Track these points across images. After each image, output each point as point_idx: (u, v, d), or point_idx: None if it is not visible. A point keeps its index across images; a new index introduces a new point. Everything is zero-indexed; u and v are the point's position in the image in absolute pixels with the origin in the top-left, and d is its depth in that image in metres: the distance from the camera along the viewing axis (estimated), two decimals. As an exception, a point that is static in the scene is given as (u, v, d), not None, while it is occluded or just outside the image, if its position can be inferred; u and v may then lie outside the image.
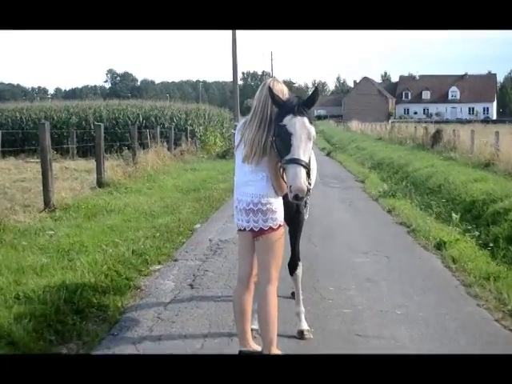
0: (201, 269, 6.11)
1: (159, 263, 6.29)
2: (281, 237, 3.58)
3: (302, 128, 3.34)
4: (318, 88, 3.60)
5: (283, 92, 3.58)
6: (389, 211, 9.85)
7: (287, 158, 3.31)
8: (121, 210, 9.04)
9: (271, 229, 3.51)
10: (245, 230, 3.60)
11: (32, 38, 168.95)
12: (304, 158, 3.31)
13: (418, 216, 9.02)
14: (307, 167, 3.32)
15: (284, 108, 3.42)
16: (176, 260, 6.49)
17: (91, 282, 5.15)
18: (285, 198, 3.50)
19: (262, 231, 3.53)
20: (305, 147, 3.34)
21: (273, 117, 3.49)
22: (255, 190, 3.52)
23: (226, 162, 19.37)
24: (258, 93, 3.59)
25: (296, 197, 3.26)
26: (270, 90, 3.46)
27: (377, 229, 8.44)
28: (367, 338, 4.20)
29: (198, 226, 8.46)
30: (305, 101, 3.45)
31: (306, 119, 3.37)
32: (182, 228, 8.03)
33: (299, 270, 4.36)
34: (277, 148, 3.40)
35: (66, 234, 7.01)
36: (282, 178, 3.45)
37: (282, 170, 3.41)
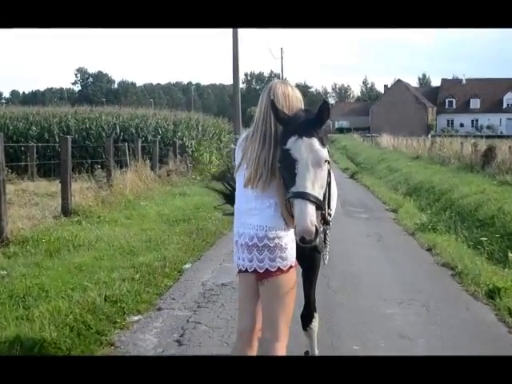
0: (191, 321, 6.10)
1: (139, 313, 6.28)
2: (292, 281, 3.57)
3: (308, 152, 3.28)
4: (327, 101, 3.49)
5: (296, 100, 3.59)
6: (428, 249, 9.85)
7: (292, 190, 3.29)
8: (91, 244, 9.06)
9: (280, 270, 3.51)
10: (247, 271, 3.61)
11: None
12: (312, 191, 3.26)
13: (465, 255, 9.01)
14: (317, 202, 3.27)
15: (288, 127, 3.39)
16: (160, 309, 6.49)
17: (52, 336, 5.14)
18: None
19: (268, 273, 3.52)
20: (314, 177, 3.29)
21: (278, 130, 3.52)
22: (260, 220, 3.52)
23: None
24: (260, 99, 3.62)
25: (303, 240, 3.22)
26: (273, 103, 3.42)
27: (413, 271, 8.43)
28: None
29: (187, 265, 8.48)
30: (313, 117, 3.39)
31: (314, 141, 3.31)
32: (168, 268, 8.04)
33: (315, 324, 4.36)
34: (282, 176, 3.39)
35: (22, 275, 7.01)
36: (290, 213, 3.43)
37: (289, 203, 3.40)
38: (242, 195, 3.66)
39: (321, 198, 3.33)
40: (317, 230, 3.21)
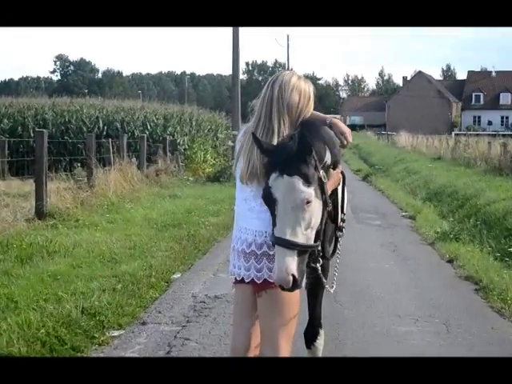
0: (179, 337, 6.10)
1: (120, 327, 6.28)
2: (294, 294, 3.54)
3: (288, 194, 3.24)
4: (305, 135, 3.32)
5: (309, 97, 3.61)
6: (450, 260, 9.84)
7: (274, 232, 3.32)
8: (68, 251, 9.07)
9: None
10: (243, 280, 3.62)
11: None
12: (293, 237, 3.24)
13: (491, 268, 9.00)
14: (298, 248, 3.26)
15: (272, 159, 3.35)
16: (144, 323, 6.49)
17: (21, 352, 5.14)
18: None
19: (267, 284, 3.51)
20: (295, 220, 3.25)
21: (285, 128, 3.52)
22: (259, 225, 3.53)
23: (221, 187, 19.46)
24: (263, 91, 3.63)
25: (282, 288, 3.30)
26: (255, 136, 3.39)
27: (432, 285, 8.43)
28: None
29: (177, 275, 8.48)
30: (298, 149, 3.29)
31: (296, 180, 3.25)
32: (155, 278, 8.03)
33: (320, 342, 4.35)
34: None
35: (-11, 284, 7.03)
36: None
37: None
38: (240, 194, 3.69)
39: (308, 239, 3.32)
40: (295, 278, 3.22)
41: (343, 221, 3.94)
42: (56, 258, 8.66)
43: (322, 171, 3.39)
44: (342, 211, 3.92)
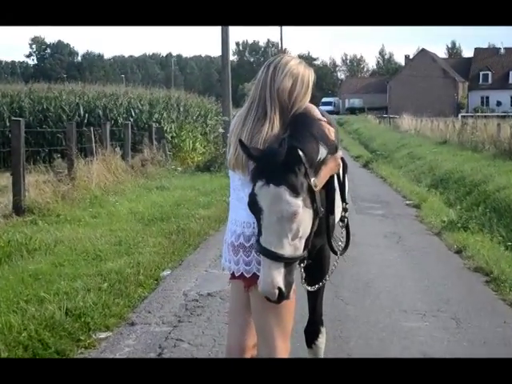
0: (170, 337, 6.12)
1: (107, 329, 6.28)
2: None
3: (274, 205, 3.22)
4: (296, 147, 3.26)
5: (303, 81, 3.58)
6: (458, 251, 9.88)
7: (259, 241, 3.32)
8: (49, 248, 9.07)
9: None
10: (234, 275, 3.65)
11: None
12: (279, 248, 3.23)
13: (502, 259, 9.05)
14: (285, 260, 3.26)
15: (258, 166, 3.33)
16: (133, 324, 6.51)
17: (2, 357, 5.13)
18: None
19: (256, 278, 3.46)
20: (281, 231, 3.24)
21: (276, 114, 3.50)
22: (247, 215, 3.49)
23: (211, 177, 19.46)
24: (258, 74, 3.63)
25: (268, 299, 3.32)
26: (241, 142, 3.34)
27: (439, 278, 8.46)
28: None
29: (166, 272, 8.49)
30: (286, 158, 3.25)
31: (283, 190, 3.21)
32: (143, 276, 8.04)
33: (321, 340, 4.37)
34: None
35: (-34, 285, 7.03)
36: None
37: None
38: (231, 183, 3.72)
39: (296, 249, 3.30)
40: (281, 291, 3.23)
41: (345, 210, 3.94)
42: (36, 256, 8.66)
43: (313, 179, 3.35)
44: (344, 200, 3.92)
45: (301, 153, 3.25)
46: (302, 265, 3.50)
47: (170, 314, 6.85)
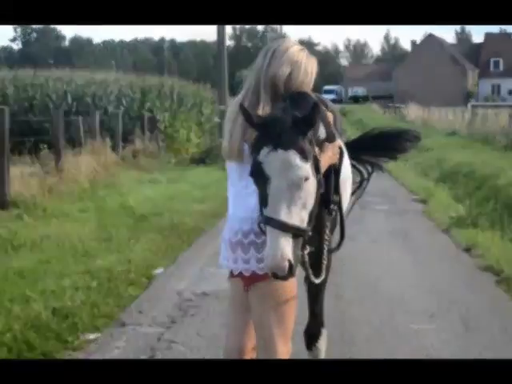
0: (163, 339, 6.12)
1: (96, 330, 6.28)
2: (289, 286, 3.54)
3: (283, 170, 3.19)
4: (317, 104, 3.27)
5: (306, 71, 3.57)
6: (467, 249, 9.88)
7: (265, 213, 3.25)
8: (35, 244, 9.07)
9: None
10: (232, 274, 3.66)
11: None
12: (288, 218, 3.18)
13: (514, 257, 9.04)
14: (293, 231, 3.21)
15: (263, 133, 3.29)
16: (124, 325, 6.51)
17: (-14, 359, 5.15)
18: None
19: (256, 277, 3.50)
20: (290, 199, 3.20)
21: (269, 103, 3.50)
22: (245, 210, 3.53)
23: (207, 170, 19.46)
24: (256, 61, 3.62)
25: (275, 275, 3.21)
26: (242, 106, 3.33)
27: (447, 277, 8.45)
28: None
29: (159, 270, 8.49)
30: (296, 119, 3.25)
31: (292, 154, 3.19)
32: (134, 274, 8.06)
33: (322, 343, 4.38)
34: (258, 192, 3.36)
35: None
36: None
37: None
38: (228, 177, 3.71)
39: (302, 221, 3.25)
40: (291, 264, 3.16)
41: (335, 203, 3.86)
42: (22, 252, 8.67)
43: (317, 148, 3.36)
44: (337, 192, 3.88)
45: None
46: (306, 252, 3.39)
47: (162, 314, 6.83)
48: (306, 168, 3.20)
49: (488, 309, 7.18)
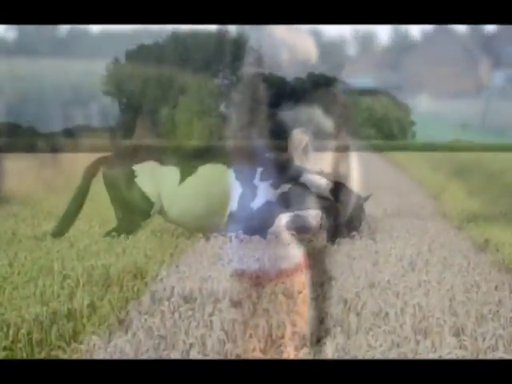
0: (162, 342, 6.02)
1: (96, 330, 6.30)
2: (299, 284, 3.64)
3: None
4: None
5: (307, 52, 3.64)
6: (483, 247, 9.86)
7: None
8: (33, 242, 9.18)
9: (281, 272, 3.59)
10: (242, 274, 3.71)
11: None
12: None
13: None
14: None
15: None
16: (124, 325, 6.55)
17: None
18: None
19: (265, 277, 3.60)
20: None
21: None
22: (252, 206, 3.63)
23: (210, 166, 19.40)
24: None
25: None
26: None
27: (459, 276, 8.34)
28: None
29: (159, 270, 8.43)
30: None
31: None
32: (133, 274, 8.13)
33: (326, 342, 4.39)
34: None
35: None
36: None
37: None
38: (234, 174, 3.70)
39: None
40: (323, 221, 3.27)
41: None
42: (18, 250, 8.69)
43: None
44: None
45: None
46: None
47: (161, 316, 6.78)
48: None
49: (504, 309, 6.93)
